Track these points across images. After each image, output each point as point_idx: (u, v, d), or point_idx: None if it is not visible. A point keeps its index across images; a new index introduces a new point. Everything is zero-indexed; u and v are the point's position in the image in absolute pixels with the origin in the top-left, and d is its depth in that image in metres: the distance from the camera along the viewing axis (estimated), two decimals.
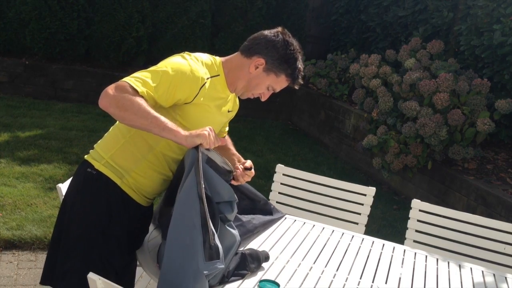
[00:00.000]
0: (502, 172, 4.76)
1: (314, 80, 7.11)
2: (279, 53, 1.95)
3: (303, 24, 8.21)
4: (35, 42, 6.77)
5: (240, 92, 2.06)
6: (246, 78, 1.99)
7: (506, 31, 4.81)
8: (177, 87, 1.81)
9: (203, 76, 1.88)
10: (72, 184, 1.95)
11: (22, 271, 3.20)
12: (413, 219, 2.75)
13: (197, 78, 1.85)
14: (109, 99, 1.71)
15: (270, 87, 2.02)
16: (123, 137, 1.90)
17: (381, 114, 5.40)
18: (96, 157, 1.91)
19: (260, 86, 2.01)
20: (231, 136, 2.53)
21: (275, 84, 2.01)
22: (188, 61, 1.87)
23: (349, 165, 6.27)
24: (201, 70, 1.88)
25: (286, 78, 2.00)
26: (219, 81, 1.97)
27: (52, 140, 5.27)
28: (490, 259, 2.65)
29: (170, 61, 1.86)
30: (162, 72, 1.80)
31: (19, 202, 3.87)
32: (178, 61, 1.86)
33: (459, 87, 4.73)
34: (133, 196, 1.92)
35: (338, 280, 2.04)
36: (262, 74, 1.98)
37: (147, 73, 1.79)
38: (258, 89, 2.03)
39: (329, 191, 2.94)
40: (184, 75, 1.82)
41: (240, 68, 1.99)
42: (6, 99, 6.47)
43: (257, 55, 1.96)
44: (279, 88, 2.05)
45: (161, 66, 1.83)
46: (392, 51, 5.93)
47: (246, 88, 2.02)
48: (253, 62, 1.97)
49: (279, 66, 1.97)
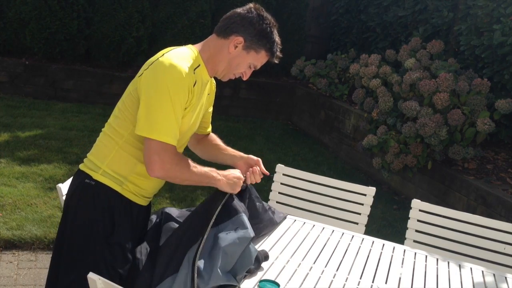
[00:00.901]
0: (502, 172, 4.77)
1: (314, 80, 7.11)
2: (256, 29, 1.93)
3: (303, 24, 8.21)
4: (35, 42, 6.77)
5: (222, 74, 2.01)
6: (226, 59, 1.95)
7: (506, 31, 4.81)
8: (181, 108, 1.83)
9: (192, 76, 1.84)
10: (72, 196, 1.92)
11: (22, 271, 3.20)
12: (413, 219, 2.75)
13: (188, 85, 1.82)
14: (161, 175, 1.83)
15: (252, 64, 1.99)
16: (116, 144, 1.88)
17: (381, 114, 5.40)
18: (92, 167, 1.89)
19: (241, 65, 1.97)
20: (231, 136, 2.54)
21: (256, 60, 1.99)
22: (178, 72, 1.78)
23: (349, 165, 6.27)
24: (188, 72, 1.82)
25: (266, 53, 1.99)
26: (202, 71, 1.93)
27: (52, 140, 5.27)
28: (490, 259, 2.65)
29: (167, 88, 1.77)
30: (171, 110, 1.77)
31: (19, 202, 3.87)
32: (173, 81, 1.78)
33: (459, 87, 4.73)
34: (134, 200, 1.93)
35: (338, 280, 2.04)
36: (242, 52, 1.94)
37: (167, 121, 1.78)
38: (240, 69, 1.99)
39: (329, 191, 2.94)
40: (181, 94, 1.80)
41: (219, 50, 1.95)
42: (6, 99, 6.47)
43: (234, 34, 1.92)
44: (260, 65, 2.02)
45: (164, 99, 1.76)
46: (392, 51, 5.93)
47: (227, 70, 1.98)
48: (232, 42, 1.92)
49: (258, 42, 1.94)
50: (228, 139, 6.58)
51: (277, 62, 2.08)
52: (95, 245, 1.83)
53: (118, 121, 1.89)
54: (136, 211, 1.94)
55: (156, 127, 1.76)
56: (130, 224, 1.91)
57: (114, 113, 1.94)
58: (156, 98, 1.76)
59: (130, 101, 1.86)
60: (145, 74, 1.82)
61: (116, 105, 1.95)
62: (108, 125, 1.94)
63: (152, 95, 1.76)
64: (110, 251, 1.83)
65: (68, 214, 1.90)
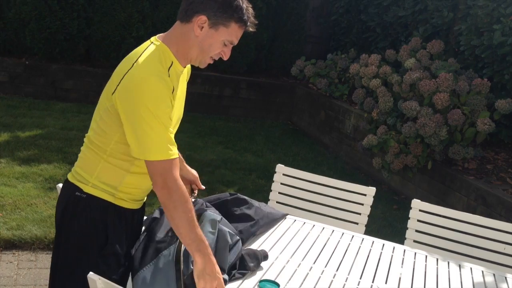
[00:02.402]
0: (502, 172, 4.76)
1: (314, 80, 7.11)
2: (219, 2, 1.75)
3: (303, 24, 8.21)
4: (35, 42, 6.77)
5: (197, 61, 1.85)
6: (196, 44, 1.79)
7: (506, 31, 4.81)
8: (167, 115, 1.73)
9: (169, 83, 1.73)
10: (63, 209, 1.86)
11: (22, 271, 3.20)
12: (413, 219, 2.75)
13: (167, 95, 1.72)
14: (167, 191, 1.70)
15: (226, 41, 1.81)
16: (101, 158, 1.81)
17: (381, 114, 5.40)
18: (81, 180, 1.83)
19: (214, 45, 1.80)
20: (231, 136, 2.52)
21: (229, 36, 1.80)
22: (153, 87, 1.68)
23: (349, 165, 6.27)
24: (164, 79, 1.71)
25: (237, 24, 1.80)
26: (175, 67, 1.81)
27: (52, 140, 5.27)
28: (490, 259, 2.65)
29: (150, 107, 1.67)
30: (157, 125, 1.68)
31: (19, 202, 3.87)
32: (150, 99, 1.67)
33: (459, 87, 4.73)
34: (128, 206, 1.89)
35: (338, 280, 2.04)
36: (210, 31, 1.77)
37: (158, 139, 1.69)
38: (214, 49, 1.81)
39: (329, 191, 2.94)
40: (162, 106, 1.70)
41: (186, 37, 1.79)
42: (6, 99, 6.47)
43: (196, 15, 1.75)
44: (236, 39, 1.84)
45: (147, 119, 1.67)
46: (392, 51, 5.93)
47: (201, 55, 1.82)
48: (195, 24, 1.76)
49: (223, 15, 1.76)
50: (228, 139, 6.59)
51: (253, 30, 1.87)
52: (89, 258, 1.80)
53: (99, 137, 1.81)
54: (130, 217, 1.91)
55: (150, 148, 1.68)
56: (125, 231, 1.89)
57: (92, 127, 1.86)
58: (139, 120, 1.66)
59: (108, 117, 1.77)
60: (119, 94, 1.70)
61: (93, 118, 1.86)
62: (88, 139, 1.87)
63: (134, 118, 1.67)
64: (104, 262, 1.81)
65: (62, 230, 1.86)
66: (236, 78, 7.70)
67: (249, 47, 7.57)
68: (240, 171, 5.39)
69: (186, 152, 5.58)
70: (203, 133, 6.48)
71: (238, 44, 2.03)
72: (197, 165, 5.22)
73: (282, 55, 8.10)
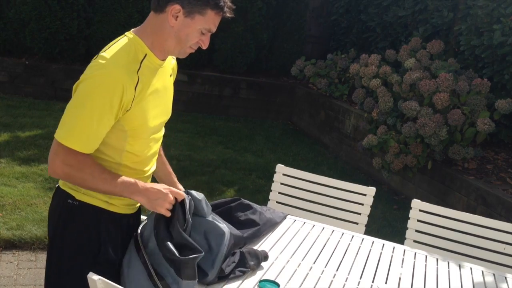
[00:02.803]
0: (502, 172, 4.76)
1: (314, 80, 7.11)
2: None
3: (303, 24, 8.21)
4: (35, 42, 6.77)
5: (176, 52, 1.79)
6: (172, 35, 1.73)
7: (506, 31, 4.81)
8: (111, 112, 1.65)
9: (131, 75, 1.67)
10: (56, 218, 1.82)
11: (22, 271, 3.20)
12: (413, 219, 2.75)
13: (125, 83, 1.65)
14: (61, 177, 1.70)
15: (203, 29, 1.74)
16: None
17: (381, 114, 5.40)
18: (73, 186, 1.79)
19: (191, 35, 1.73)
20: (231, 136, 2.51)
21: (206, 24, 1.73)
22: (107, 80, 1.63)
23: (349, 165, 6.27)
24: (125, 71, 1.66)
25: (213, 11, 1.72)
26: (150, 60, 1.76)
27: (52, 140, 5.27)
28: (490, 259, 2.65)
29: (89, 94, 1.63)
30: (88, 116, 1.63)
31: (19, 202, 3.87)
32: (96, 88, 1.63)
33: (459, 87, 4.73)
34: (121, 211, 1.86)
35: (338, 280, 2.05)
36: (186, 20, 1.71)
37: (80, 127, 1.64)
38: (192, 39, 1.75)
39: (329, 191, 2.94)
40: (108, 99, 1.63)
41: (161, 28, 1.73)
42: (6, 99, 6.47)
43: (169, 4, 1.70)
44: (214, 26, 1.76)
45: (80, 104, 1.64)
46: (392, 51, 5.93)
47: (179, 46, 1.76)
48: (169, 14, 1.70)
49: (198, 3, 1.69)
50: (228, 139, 6.59)
51: (230, 15, 1.78)
52: (82, 266, 1.76)
53: None
54: (125, 222, 1.88)
55: (66, 131, 1.65)
56: (120, 237, 1.86)
57: None
58: (74, 99, 1.65)
59: None
60: (80, 79, 1.68)
61: None
62: None
63: (73, 97, 1.66)
64: (98, 270, 1.74)
65: (55, 238, 1.82)
66: (236, 78, 7.70)
67: (249, 47, 7.57)
68: (240, 171, 5.39)
69: (186, 152, 5.58)
70: (203, 133, 6.48)
71: (238, 44, 2.01)
72: (197, 165, 5.22)
73: (282, 55, 8.10)
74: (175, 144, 5.74)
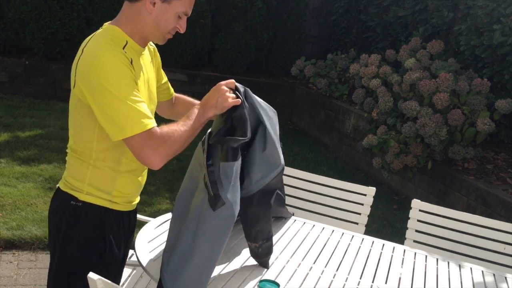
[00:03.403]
0: (502, 172, 4.77)
1: (314, 80, 7.11)
2: None
3: (303, 24, 8.21)
4: (35, 42, 6.77)
5: (156, 38, 1.79)
6: (150, 22, 1.72)
7: (506, 31, 4.81)
8: (131, 86, 1.67)
9: (124, 57, 1.67)
10: (59, 220, 1.81)
11: (22, 271, 3.20)
12: (413, 219, 2.75)
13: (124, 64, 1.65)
14: (165, 159, 1.70)
15: (180, 13, 1.74)
16: (88, 164, 1.77)
17: (381, 114, 5.40)
18: (74, 188, 1.79)
19: (169, 20, 1.73)
20: None
21: (183, 7, 1.73)
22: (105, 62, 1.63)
23: (349, 165, 6.27)
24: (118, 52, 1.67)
25: None
26: (132, 46, 1.75)
27: (52, 140, 5.27)
28: (490, 259, 2.65)
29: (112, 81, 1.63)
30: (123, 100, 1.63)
31: (19, 202, 3.87)
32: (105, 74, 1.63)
33: (459, 87, 4.74)
34: (123, 209, 1.87)
35: (338, 280, 2.04)
36: (164, 6, 1.70)
37: (127, 114, 1.63)
38: (170, 24, 1.74)
39: (329, 191, 2.94)
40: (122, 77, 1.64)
41: (138, 16, 1.72)
42: (6, 99, 6.47)
43: None
44: (190, 9, 1.77)
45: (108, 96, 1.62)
46: (392, 51, 5.93)
47: (158, 32, 1.76)
48: (147, 1, 1.69)
49: None
50: None
51: None
52: (87, 266, 1.73)
53: (79, 142, 1.79)
54: (127, 219, 1.89)
55: (124, 125, 1.62)
56: (123, 234, 1.87)
57: (71, 134, 1.84)
58: (103, 100, 1.62)
59: (81, 115, 1.74)
60: (80, 81, 1.67)
61: (69, 126, 1.84)
62: (70, 148, 1.84)
63: (99, 99, 1.63)
64: (104, 269, 1.77)
65: (58, 239, 1.81)
66: (236, 78, 7.67)
67: (249, 47, 7.57)
68: None
69: (186, 152, 5.57)
70: (203, 133, 6.47)
71: (238, 44, 2.00)
72: None
73: (282, 55, 8.10)
74: None
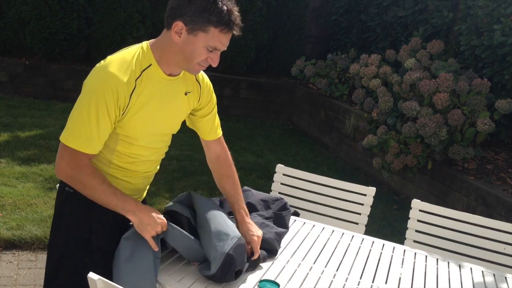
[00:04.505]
0: (502, 172, 4.77)
1: (314, 80, 7.11)
2: (195, 6, 1.67)
3: (303, 24, 8.21)
4: (35, 42, 6.77)
5: (185, 67, 1.82)
6: (177, 51, 1.75)
7: (506, 31, 4.81)
8: (108, 115, 1.71)
9: (128, 81, 1.71)
10: (57, 204, 1.93)
11: (22, 271, 3.20)
12: (413, 219, 2.75)
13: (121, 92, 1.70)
14: (65, 179, 1.76)
15: (208, 47, 1.73)
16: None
17: (381, 114, 5.40)
18: None
19: (196, 52, 1.73)
20: (231, 136, 2.49)
21: (210, 41, 1.71)
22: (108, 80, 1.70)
23: (349, 165, 6.27)
24: (122, 76, 1.70)
25: (217, 29, 1.70)
26: (154, 71, 1.79)
27: (52, 140, 5.27)
28: (490, 259, 2.65)
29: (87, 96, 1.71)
30: (90, 116, 1.70)
31: (19, 202, 3.87)
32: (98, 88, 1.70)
33: (459, 87, 4.74)
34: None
35: (338, 280, 2.05)
36: (189, 37, 1.71)
37: (79, 127, 1.72)
38: (198, 56, 1.74)
39: (329, 191, 2.94)
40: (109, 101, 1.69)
41: (168, 44, 1.76)
42: (6, 99, 6.47)
43: (174, 21, 1.71)
44: (221, 44, 1.74)
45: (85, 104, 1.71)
46: (392, 51, 5.93)
47: (186, 62, 1.77)
48: (173, 30, 1.72)
49: (199, 20, 1.68)
50: (228, 139, 6.56)
51: (237, 33, 1.76)
52: (73, 251, 1.82)
53: None
54: (120, 216, 1.86)
55: (66, 131, 1.75)
56: (114, 229, 1.87)
57: None
58: (78, 102, 1.73)
59: None
60: (85, 80, 1.78)
61: None
62: None
63: (78, 100, 1.74)
64: (89, 257, 1.82)
65: (53, 223, 1.93)
66: (236, 78, 7.70)
67: (249, 47, 7.57)
68: (240, 171, 5.39)
69: (186, 152, 5.58)
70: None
71: (238, 44, 2.00)
72: (197, 165, 5.22)
73: (282, 55, 8.10)
74: (175, 144, 5.73)
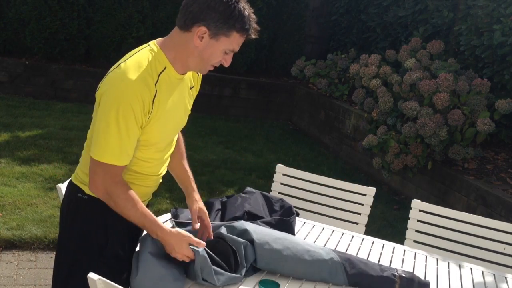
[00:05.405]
0: (502, 172, 4.77)
1: (314, 80, 7.11)
2: (219, 12, 1.67)
3: (303, 24, 8.21)
4: (35, 42, 6.77)
5: (197, 69, 1.82)
6: (195, 54, 1.74)
7: (506, 31, 4.81)
8: (136, 123, 1.69)
9: (150, 88, 1.69)
10: (66, 211, 1.89)
11: (22, 271, 3.20)
12: (413, 219, 2.75)
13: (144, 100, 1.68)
14: (101, 197, 1.75)
15: (227, 50, 1.76)
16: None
17: (381, 114, 5.40)
18: (83, 181, 1.84)
19: (214, 54, 1.75)
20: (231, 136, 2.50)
21: (230, 45, 1.74)
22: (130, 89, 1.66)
23: (349, 165, 6.27)
24: (143, 83, 1.68)
25: (238, 33, 1.73)
26: (169, 73, 1.77)
27: (52, 140, 5.27)
28: (490, 259, 2.65)
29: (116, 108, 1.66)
30: (119, 129, 1.67)
31: (19, 202, 3.87)
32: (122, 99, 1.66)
33: (459, 87, 4.74)
34: None
35: None
36: (211, 42, 1.71)
37: (110, 141, 1.68)
38: (214, 58, 1.76)
39: (329, 191, 2.94)
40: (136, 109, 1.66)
41: (185, 45, 1.74)
42: (6, 99, 6.47)
43: (196, 25, 1.69)
44: (238, 46, 1.78)
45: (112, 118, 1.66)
46: (392, 51, 5.93)
47: (201, 64, 1.78)
48: (195, 34, 1.70)
49: (224, 26, 1.69)
50: (228, 139, 6.59)
51: (255, 37, 1.80)
52: (89, 259, 1.80)
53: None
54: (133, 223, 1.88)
55: (98, 147, 1.70)
56: (128, 235, 1.88)
57: (90, 133, 1.86)
58: (103, 117, 1.67)
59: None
60: (101, 90, 1.72)
61: (91, 124, 1.88)
62: (87, 145, 1.87)
63: (101, 115, 1.69)
64: (105, 264, 1.80)
65: (64, 230, 1.88)
66: (236, 78, 7.70)
67: (249, 47, 7.57)
68: (240, 171, 5.39)
69: (186, 152, 5.57)
70: (203, 133, 6.48)
71: None
72: (197, 165, 5.22)
73: (282, 55, 8.10)
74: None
